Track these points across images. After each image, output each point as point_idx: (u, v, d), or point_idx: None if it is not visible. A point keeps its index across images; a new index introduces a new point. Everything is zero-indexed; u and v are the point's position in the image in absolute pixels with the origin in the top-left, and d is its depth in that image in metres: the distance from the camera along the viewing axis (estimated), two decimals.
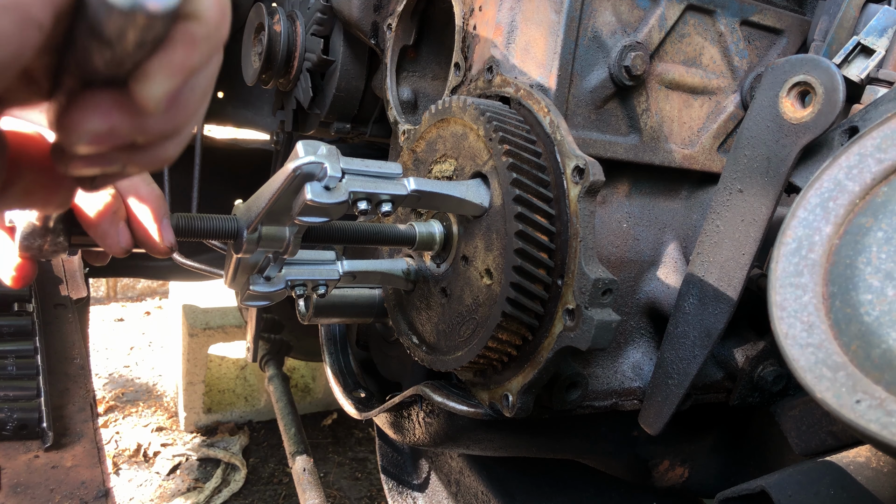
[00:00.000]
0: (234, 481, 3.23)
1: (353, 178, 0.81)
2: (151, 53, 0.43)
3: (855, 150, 0.67)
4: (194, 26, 0.45)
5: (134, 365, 4.22)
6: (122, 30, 0.39)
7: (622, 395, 1.09)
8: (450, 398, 1.02)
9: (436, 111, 1.01)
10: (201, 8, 0.44)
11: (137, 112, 0.45)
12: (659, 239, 1.13)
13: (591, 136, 1.03)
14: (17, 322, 1.76)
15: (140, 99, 0.45)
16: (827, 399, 0.58)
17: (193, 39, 0.45)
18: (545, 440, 1.20)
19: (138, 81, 0.44)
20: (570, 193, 0.86)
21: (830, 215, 0.66)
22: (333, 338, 1.61)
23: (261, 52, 1.54)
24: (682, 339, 0.99)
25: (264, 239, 0.81)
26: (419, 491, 1.57)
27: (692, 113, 1.11)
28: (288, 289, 0.91)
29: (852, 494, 0.79)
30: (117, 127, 0.45)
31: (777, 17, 1.14)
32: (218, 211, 0.83)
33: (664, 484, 1.33)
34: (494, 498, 1.35)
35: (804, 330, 0.62)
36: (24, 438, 1.52)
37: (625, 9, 1.02)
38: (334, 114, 1.57)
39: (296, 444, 2.35)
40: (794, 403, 1.02)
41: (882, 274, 0.60)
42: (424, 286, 1.04)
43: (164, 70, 0.44)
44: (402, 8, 1.25)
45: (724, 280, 0.94)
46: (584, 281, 0.83)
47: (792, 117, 0.86)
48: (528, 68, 1.00)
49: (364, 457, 3.59)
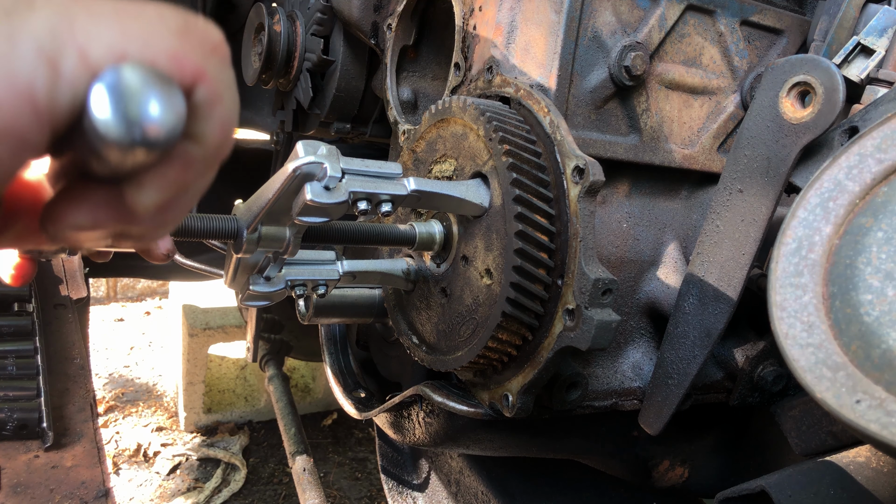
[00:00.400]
0: (234, 481, 3.23)
1: (353, 178, 0.81)
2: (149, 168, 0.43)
3: (855, 150, 0.67)
4: (195, 148, 0.45)
5: (134, 365, 4.22)
6: (121, 158, 0.39)
7: (622, 395, 1.09)
8: (450, 398, 1.02)
9: (436, 111, 1.01)
10: (205, 131, 0.44)
11: (126, 212, 0.46)
12: (659, 239, 1.13)
13: (591, 136, 1.03)
14: (17, 322, 1.76)
15: (131, 202, 0.45)
16: (827, 399, 0.58)
17: (192, 160, 0.45)
18: (545, 440, 1.20)
19: (132, 188, 0.44)
20: (570, 193, 0.86)
21: (830, 215, 0.66)
22: (333, 338, 1.60)
23: (261, 52, 1.54)
24: (682, 339, 0.99)
25: (264, 239, 0.81)
26: (419, 491, 1.57)
27: (692, 113, 1.11)
28: (288, 289, 0.91)
29: (852, 494, 0.79)
30: (102, 222, 0.46)
31: (777, 17, 1.14)
32: (218, 211, 0.83)
33: (664, 484, 1.33)
34: (494, 498, 1.35)
35: (804, 330, 0.62)
36: (24, 438, 1.52)
37: (625, 9, 1.02)
38: (334, 114, 1.57)
39: (296, 444, 2.35)
40: (794, 403, 1.02)
41: (882, 274, 0.60)
42: (424, 286, 1.04)
43: (159, 183, 0.44)
44: (402, 8, 1.25)
45: (724, 280, 0.94)
46: (584, 281, 0.83)
47: (792, 117, 0.86)
48: (528, 68, 1.00)
49: (364, 457, 3.59)
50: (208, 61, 0.43)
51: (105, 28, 0.38)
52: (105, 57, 0.38)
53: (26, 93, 0.36)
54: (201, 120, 0.44)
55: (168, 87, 0.39)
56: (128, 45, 0.39)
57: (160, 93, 0.38)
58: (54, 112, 0.38)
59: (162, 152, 0.40)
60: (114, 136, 0.37)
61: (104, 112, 0.37)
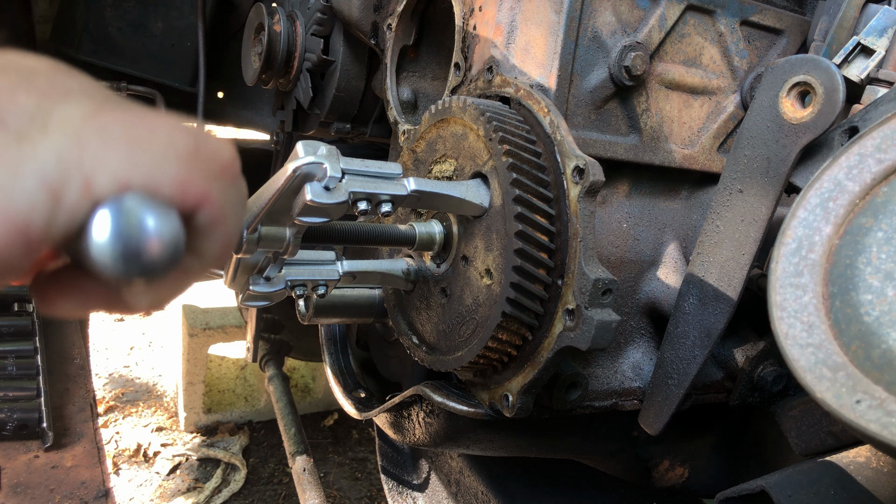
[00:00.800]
0: (234, 481, 3.23)
1: (353, 178, 0.81)
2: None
3: (855, 150, 0.67)
4: (194, 261, 0.45)
5: (134, 365, 4.22)
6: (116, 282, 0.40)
7: (622, 395, 1.09)
8: (450, 398, 1.02)
9: (436, 111, 1.01)
10: (205, 247, 0.44)
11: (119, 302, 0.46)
12: (659, 239, 1.13)
13: (591, 136, 1.03)
14: (17, 322, 1.76)
15: (125, 299, 0.45)
16: (827, 399, 0.58)
17: (190, 271, 0.45)
18: (545, 440, 1.20)
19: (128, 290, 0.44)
20: (570, 193, 0.86)
21: (830, 215, 0.66)
22: (333, 338, 1.60)
23: (261, 52, 1.54)
24: (682, 339, 0.99)
25: (264, 239, 0.81)
26: (419, 491, 1.57)
27: (692, 113, 1.11)
28: (288, 289, 0.91)
29: (852, 494, 0.79)
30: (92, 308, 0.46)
31: (777, 17, 1.14)
32: None
33: (664, 484, 1.33)
34: (494, 498, 1.35)
35: (804, 330, 0.62)
36: (24, 438, 1.52)
37: (625, 9, 1.02)
38: (334, 114, 1.57)
39: (296, 444, 2.35)
40: (794, 403, 1.02)
41: (882, 274, 0.60)
42: (424, 286, 1.04)
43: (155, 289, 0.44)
44: (402, 8, 1.25)
45: (724, 280, 0.94)
46: (584, 281, 0.83)
47: (792, 117, 0.86)
48: (528, 68, 1.00)
49: (364, 457, 3.59)
50: (214, 185, 0.43)
51: (113, 156, 0.38)
52: (109, 187, 0.38)
53: (22, 226, 0.36)
54: (202, 238, 0.44)
55: (168, 219, 0.39)
56: (133, 175, 0.38)
57: (159, 226, 0.38)
58: (48, 239, 0.38)
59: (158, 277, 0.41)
60: (110, 269, 0.38)
61: (102, 244, 0.38)
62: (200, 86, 2.02)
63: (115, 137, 0.38)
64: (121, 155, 0.38)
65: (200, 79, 2.03)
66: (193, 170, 0.41)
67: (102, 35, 2.12)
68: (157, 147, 0.40)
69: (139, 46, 2.17)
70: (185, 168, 0.41)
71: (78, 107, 0.39)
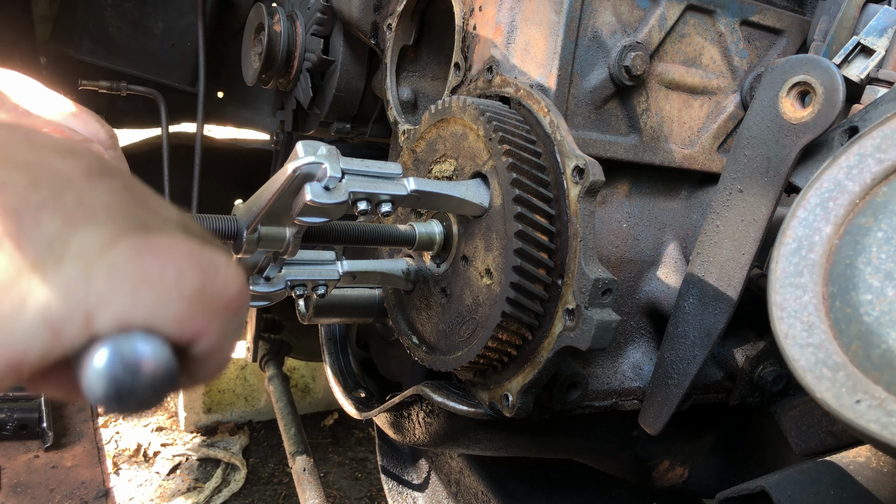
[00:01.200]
0: (234, 481, 3.22)
1: (353, 178, 0.81)
2: None
3: (855, 150, 0.67)
4: (187, 380, 0.45)
5: None
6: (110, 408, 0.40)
7: (622, 395, 1.09)
8: (450, 398, 1.02)
9: (436, 111, 1.01)
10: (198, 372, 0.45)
11: None
12: (659, 239, 1.13)
13: (591, 136, 1.03)
14: None
15: None
16: (827, 399, 0.58)
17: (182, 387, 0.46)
18: (545, 440, 1.20)
19: None
20: (570, 193, 0.86)
21: (830, 215, 0.66)
22: (333, 338, 1.60)
23: (261, 52, 1.54)
24: (682, 339, 0.99)
25: (264, 239, 0.81)
26: (419, 491, 1.57)
27: (692, 113, 1.11)
28: (288, 289, 0.91)
29: (852, 494, 0.79)
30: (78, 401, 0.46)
31: (777, 17, 1.14)
32: (218, 211, 0.83)
33: (664, 484, 1.33)
34: (494, 498, 1.35)
35: (804, 330, 0.62)
36: (24, 438, 1.52)
37: (625, 9, 1.02)
38: (334, 114, 1.57)
39: (296, 444, 2.35)
40: (794, 403, 1.02)
41: (882, 274, 0.60)
42: (424, 286, 1.04)
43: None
44: (402, 8, 1.25)
45: (724, 280, 0.94)
46: (584, 281, 0.83)
47: (792, 117, 0.86)
48: (528, 68, 1.00)
49: (364, 457, 3.59)
50: (215, 320, 0.43)
51: (119, 297, 0.39)
52: (109, 326, 0.39)
53: (15, 360, 0.37)
54: (196, 365, 0.44)
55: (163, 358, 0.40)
56: (135, 315, 0.39)
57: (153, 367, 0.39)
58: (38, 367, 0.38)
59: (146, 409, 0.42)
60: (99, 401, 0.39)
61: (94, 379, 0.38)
62: (200, 86, 2.02)
63: (123, 275, 0.39)
64: (126, 296, 0.39)
65: (200, 79, 2.03)
66: (196, 310, 0.42)
67: (102, 35, 2.12)
68: (164, 286, 0.40)
69: (139, 46, 2.17)
70: (188, 308, 0.41)
71: (96, 234, 0.39)
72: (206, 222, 0.79)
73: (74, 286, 0.38)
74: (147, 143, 2.45)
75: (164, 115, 2.07)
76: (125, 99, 2.16)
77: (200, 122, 2.02)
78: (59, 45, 2.14)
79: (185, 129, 2.52)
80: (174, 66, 2.23)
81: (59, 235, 0.38)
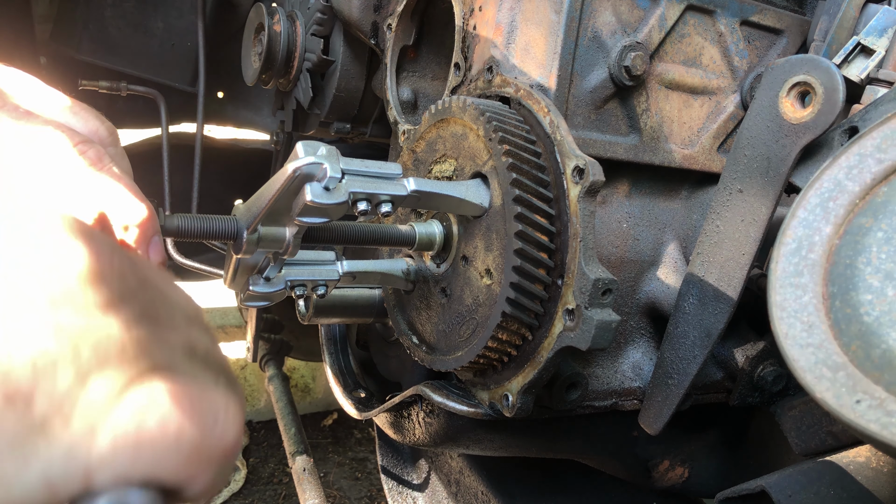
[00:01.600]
0: (234, 481, 3.22)
1: (353, 178, 0.81)
2: None
3: (855, 150, 0.67)
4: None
5: None
6: None
7: (622, 395, 1.09)
8: (450, 398, 1.02)
9: (436, 111, 1.01)
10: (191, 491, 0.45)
11: None
12: (659, 239, 1.13)
13: (591, 136, 1.03)
14: None
15: None
16: (827, 399, 0.58)
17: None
18: (545, 440, 1.20)
19: None
20: (570, 193, 0.86)
21: (830, 215, 0.66)
22: (333, 338, 1.60)
23: (261, 52, 1.54)
24: (682, 339, 0.99)
25: (264, 239, 0.81)
26: (419, 491, 1.57)
27: (692, 113, 1.11)
28: (288, 289, 0.91)
29: (852, 494, 0.79)
30: None
31: (777, 17, 1.14)
32: (218, 211, 0.83)
33: (664, 484, 1.33)
34: (494, 498, 1.35)
35: (804, 330, 0.62)
36: None
37: (625, 9, 1.02)
38: (334, 114, 1.57)
39: (296, 444, 2.35)
40: (794, 403, 1.02)
41: (882, 274, 0.60)
42: (424, 286, 1.04)
43: None
44: (402, 8, 1.25)
45: (724, 280, 0.94)
46: (584, 281, 0.83)
47: (792, 117, 0.86)
48: (528, 68, 1.00)
49: (364, 457, 3.59)
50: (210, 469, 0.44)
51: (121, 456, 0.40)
52: (107, 484, 0.39)
53: None
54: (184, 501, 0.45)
55: None
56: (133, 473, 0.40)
57: None
58: None
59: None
60: None
61: None
62: (200, 86, 2.02)
63: (126, 436, 0.40)
64: (127, 458, 0.40)
65: (200, 79, 2.02)
66: (193, 464, 0.43)
67: (102, 35, 2.12)
68: (164, 445, 0.41)
69: (139, 46, 2.17)
70: (185, 464, 0.42)
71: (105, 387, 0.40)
72: (206, 223, 0.79)
73: (78, 448, 0.38)
74: (147, 143, 2.45)
75: (164, 115, 2.07)
76: (125, 99, 2.16)
77: (200, 122, 2.02)
78: (59, 44, 2.14)
79: (185, 129, 2.52)
80: (174, 66, 2.23)
81: (70, 392, 0.39)
